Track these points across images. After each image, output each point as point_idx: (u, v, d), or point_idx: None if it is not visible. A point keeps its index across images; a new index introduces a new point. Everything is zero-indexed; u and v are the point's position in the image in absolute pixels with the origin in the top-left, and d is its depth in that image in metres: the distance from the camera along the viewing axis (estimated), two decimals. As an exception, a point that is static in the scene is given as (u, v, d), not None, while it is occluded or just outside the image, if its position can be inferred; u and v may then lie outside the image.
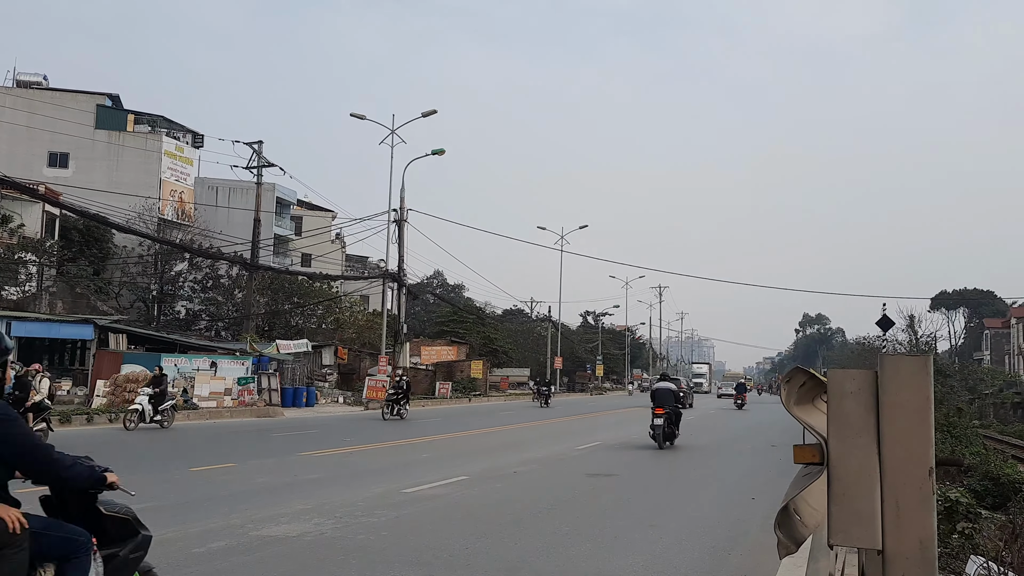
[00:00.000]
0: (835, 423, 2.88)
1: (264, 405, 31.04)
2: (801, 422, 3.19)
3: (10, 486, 3.59)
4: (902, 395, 2.80)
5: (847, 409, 2.86)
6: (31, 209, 37.46)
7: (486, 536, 8.32)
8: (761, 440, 23.08)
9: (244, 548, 7.43)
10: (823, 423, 3.11)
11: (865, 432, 2.84)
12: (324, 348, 44.08)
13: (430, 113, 39.58)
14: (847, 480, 2.83)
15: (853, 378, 2.90)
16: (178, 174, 54.76)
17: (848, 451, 2.84)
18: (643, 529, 9.02)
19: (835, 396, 2.90)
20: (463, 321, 67.14)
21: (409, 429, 24.00)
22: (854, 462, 2.83)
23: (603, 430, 25.56)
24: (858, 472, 2.82)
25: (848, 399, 2.87)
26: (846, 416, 2.86)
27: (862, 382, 2.88)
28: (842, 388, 2.89)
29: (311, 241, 56.56)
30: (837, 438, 2.86)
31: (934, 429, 2.83)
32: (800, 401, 3.28)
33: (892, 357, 2.86)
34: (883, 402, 2.83)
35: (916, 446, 2.79)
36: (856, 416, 2.85)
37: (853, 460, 2.83)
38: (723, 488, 12.92)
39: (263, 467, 13.88)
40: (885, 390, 2.82)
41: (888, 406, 2.81)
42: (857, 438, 2.84)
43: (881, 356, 2.88)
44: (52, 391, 19.87)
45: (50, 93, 53.31)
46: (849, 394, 2.87)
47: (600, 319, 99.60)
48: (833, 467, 2.87)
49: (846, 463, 2.83)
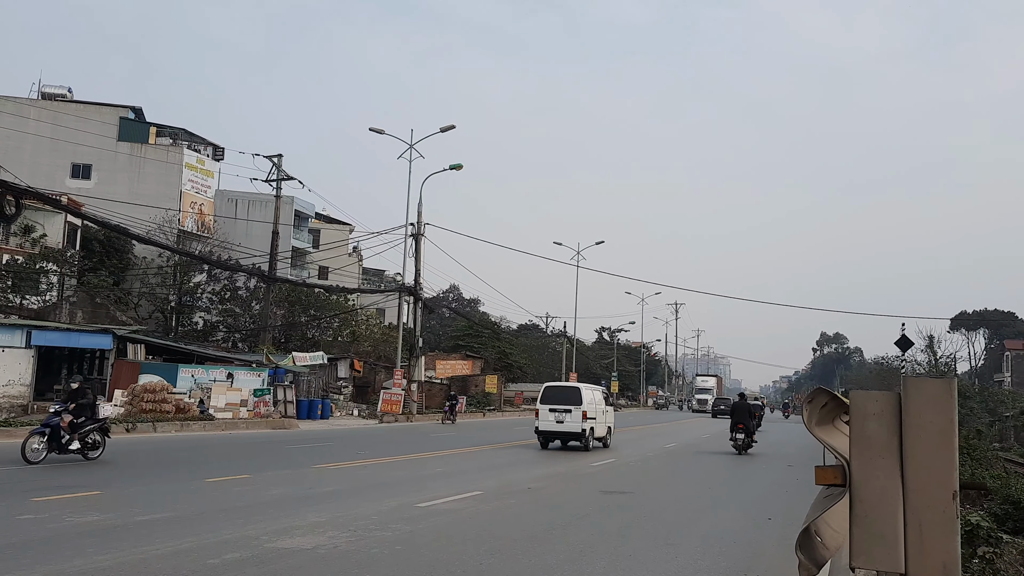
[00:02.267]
0: (858, 444, 2.86)
1: (279, 417, 31.12)
2: (823, 443, 3.16)
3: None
4: (926, 417, 2.78)
5: (870, 430, 2.84)
6: (54, 219, 37.95)
7: (500, 552, 8.28)
8: (777, 459, 22.88)
9: (258, 560, 7.44)
10: (844, 444, 3.09)
11: (888, 454, 2.82)
12: (340, 361, 44.20)
13: (448, 128, 39.81)
14: (870, 502, 2.81)
15: (876, 399, 2.88)
16: (199, 186, 55.29)
17: (871, 473, 2.82)
18: (659, 547, 8.96)
19: (858, 417, 2.88)
20: (478, 335, 67.17)
21: (423, 443, 23.98)
22: (877, 484, 2.81)
23: (618, 448, 25.43)
24: (881, 494, 2.79)
25: (871, 420, 2.85)
26: (869, 437, 2.84)
27: (885, 403, 2.86)
28: (865, 409, 2.87)
29: (328, 254, 56.90)
30: (860, 459, 2.84)
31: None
32: (821, 422, 3.26)
33: (916, 379, 2.84)
34: (906, 424, 2.81)
35: (940, 469, 2.76)
36: (879, 437, 2.83)
37: (876, 482, 2.80)
38: (739, 507, 12.81)
39: (278, 479, 13.90)
40: (909, 412, 2.80)
41: (912, 428, 2.79)
42: (880, 460, 2.82)
43: (905, 378, 2.86)
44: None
45: (74, 105, 54.06)
46: (872, 415, 2.85)
47: (615, 335, 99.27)
48: (855, 489, 2.84)
49: (869, 485, 2.81)
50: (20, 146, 47.66)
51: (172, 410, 26.76)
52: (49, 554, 7.32)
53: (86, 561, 7.08)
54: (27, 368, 28.54)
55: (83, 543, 7.82)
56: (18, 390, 28.35)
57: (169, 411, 26.56)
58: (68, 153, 51.28)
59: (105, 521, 9.07)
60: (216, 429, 26.50)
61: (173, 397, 27.49)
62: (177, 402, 27.50)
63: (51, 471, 13.74)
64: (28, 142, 49.05)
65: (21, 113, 50.69)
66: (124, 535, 8.32)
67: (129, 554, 7.42)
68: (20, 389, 28.43)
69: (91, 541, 7.92)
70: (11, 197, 22.47)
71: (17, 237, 36.29)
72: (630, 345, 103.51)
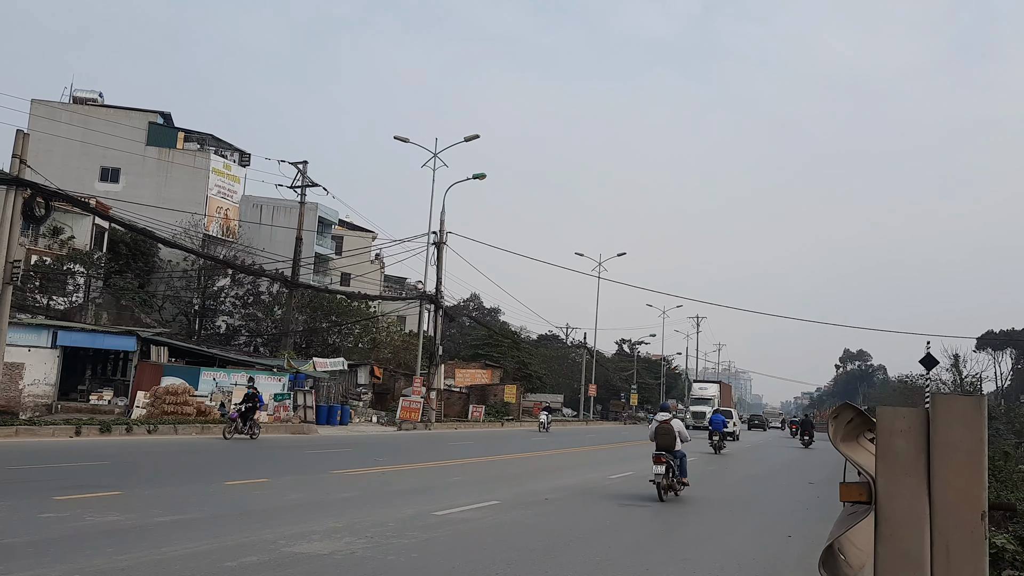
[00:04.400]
0: (884, 462, 2.81)
1: (299, 422, 31.25)
2: (848, 459, 3.11)
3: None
4: (954, 435, 2.73)
5: (897, 448, 2.80)
6: (82, 222, 38.47)
7: (516, 563, 8.24)
8: (798, 476, 22.62)
9: (275, 564, 7.45)
10: (869, 461, 3.04)
11: (915, 472, 2.77)
12: (360, 367, 44.37)
13: (472, 138, 39.96)
14: (895, 520, 2.75)
15: (903, 416, 2.83)
16: (224, 191, 55.88)
17: (897, 491, 2.77)
18: (676, 563, 8.86)
19: (884, 434, 2.83)
20: (498, 345, 67.15)
21: (441, 451, 23.97)
22: (903, 502, 2.75)
23: (636, 460, 25.25)
24: (907, 513, 2.74)
25: (898, 437, 2.81)
26: (895, 455, 2.79)
27: (913, 420, 2.81)
28: (892, 426, 2.82)
29: (351, 261, 57.21)
30: (886, 477, 2.79)
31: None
32: (846, 437, 3.21)
33: (945, 396, 2.79)
34: (934, 442, 2.76)
35: (968, 488, 2.70)
36: (906, 455, 2.78)
37: (902, 500, 2.75)
38: (759, 524, 12.66)
39: (296, 484, 13.94)
40: (937, 430, 2.75)
41: (939, 446, 2.74)
42: (906, 477, 2.77)
43: (933, 395, 2.81)
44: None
45: (104, 110, 54.88)
46: (899, 432, 2.80)
47: (636, 348, 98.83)
48: (881, 507, 2.79)
49: (895, 503, 2.76)
50: (51, 149, 48.42)
51: (193, 413, 26.99)
52: (69, 553, 7.38)
53: (105, 561, 7.13)
54: (52, 368, 28.90)
55: (103, 543, 7.87)
56: (43, 389, 28.70)
57: (190, 414, 26.78)
58: (97, 157, 52.06)
59: (125, 521, 9.13)
60: (236, 433, 26.62)
61: (195, 400, 27.73)
62: (198, 405, 27.72)
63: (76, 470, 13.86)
64: (59, 145, 49.84)
65: (53, 117, 51.56)
66: (143, 536, 8.38)
67: (148, 555, 7.47)
68: (45, 388, 28.78)
69: (111, 541, 7.98)
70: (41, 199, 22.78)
71: (46, 239, 36.83)
72: (650, 358, 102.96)
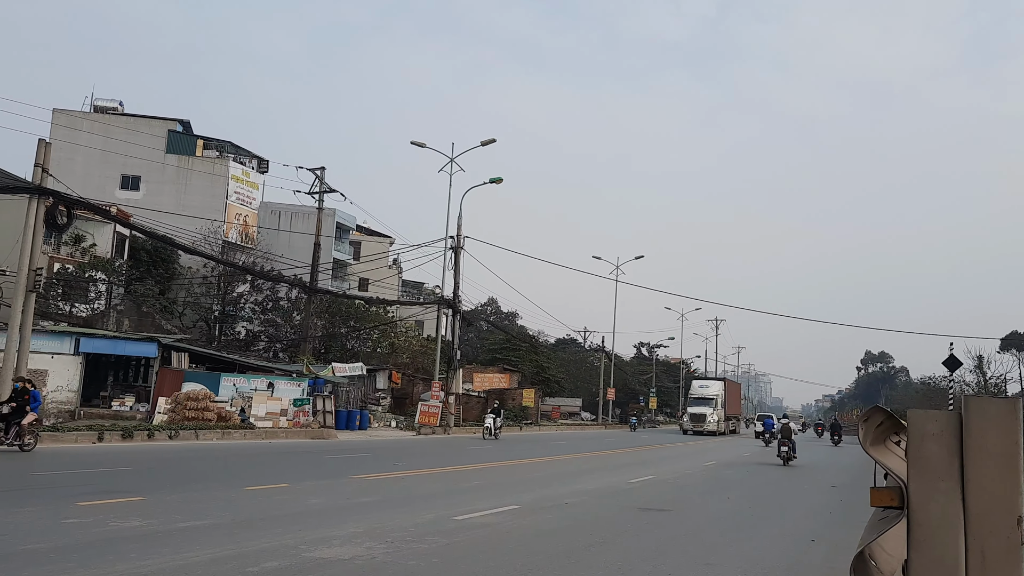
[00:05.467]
0: (916, 466, 2.75)
1: (318, 427, 31.36)
2: (878, 463, 3.05)
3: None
4: (989, 439, 2.66)
5: (929, 452, 2.73)
6: (103, 229, 38.87)
7: (536, 568, 8.19)
8: (821, 480, 22.40)
9: (297, 569, 7.45)
10: (898, 465, 2.98)
11: (948, 476, 2.71)
12: (378, 372, 44.48)
13: (489, 142, 39.99)
14: (928, 526, 2.69)
15: (935, 419, 2.77)
16: (243, 198, 56.26)
17: (930, 496, 2.71)
18: (698, 567, 8.78)
19: (915, 437, 2.77)
20: (516, 349, 67.11)
21: (460, 456, 23.95)
22: (936, 507, 2.69)
23: (656, 464, 25.14)
24: (940, 518, 2.68)
25: (929, 441, 2.74)
26: (927, 459, 2.73)
27: (945, 424, 2.75)
28: (923, 429, 2.76)
29: (369, 266, 57.43)
30: (918, 482, 2.73)
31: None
32: (875, 441, 3.15)
33: (978, 399, 2.72)
34: (967, 445, 2.70)
35: (1004, 493, 2.64)
36: (938, 459, 2.72)
37: (935, 506, 2.69)
38: (782, 528, 12.53)
39: (316, 489, 13.97)
40: (970, 433, 2.68)
41: (973, 450, 2.68)
42: (939, 482, 2.71)
43: (966, 398, 2.74)
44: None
45: (124, 118, 55.46)
46: (931, 436, 2.74)
47: (654, 351, 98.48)
48: (914, 512, 2.73)
49: (928, 508, 2.70)
50: (72, 158, 48.98)
51: (214, 418, 27.14)
52: (93, 558, 7.41)
53: (129, 566, 7.16)
54: (75, 374, 29.19)
55: (126, 548, 7.91)
56: (66, 396, 28.98)
57: (211, 419, 26.93)
58: (118, 165, 52.58)
59: (147, 527, 9.18)
60: (256, 438, 26.78)
61: (215, 405, 27.89)
62: (219, 410, 27.88)
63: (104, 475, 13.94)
64: (80, 154, 50.42)
65: (74, 126, 52.17)
66: (166, 541, 8.41)
67: (170, 560, 7.49)
68: (68, 395, 29.07)
69: (134, 546, 8.01)
70: (63, 207, 23.04)
71: (68, 246, 37.22)
72: (669, 361, 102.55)
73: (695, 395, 59.39)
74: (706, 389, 60.06)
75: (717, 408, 57.33)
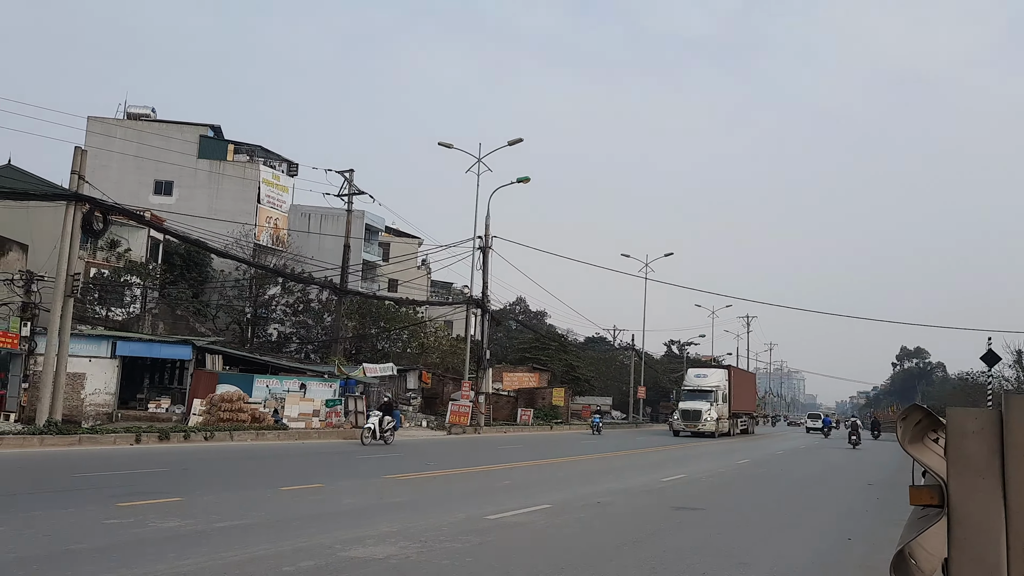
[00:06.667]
0: (956, 464, 2.72)
1: (350, 427, 31.59)
2: (917, 461, 3.02)
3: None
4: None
5: (969, 449, 2.70)
6: (137, 234, 39.51)
7: (570, 567, 8.19)
8: (855, 477, 22.13)
9: (333, 569, 7.52)
10: (937, 462, 2.95)
11: (989, 474, 2.67)
12: (409, 372, 44.72)
13: (516, 141, 40.01)
14: (969, 525, 2.66)
15: (975, 417, 2.74)
16: (274, 201, 56.85)
17: (970, 494, 2.68)
18: (732, 567, 8.72)
19: (955, 435, 2.74)
20: (545, 348, 67.06)
21: (491, 455, 24.00)
22: (977, 506, 2.66)
23: (688, 462, 25.00)
24: (982, 516, 2.65)
25: (970, 439, 2.71)
26: (968, 457, 2.70)
27: (985, 421, 2.71)
28: (963, 427, 2.73)
29: (398, 267, 57.77)
30: (958, 480, 2.70)
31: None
32: (913, 439, 3.11)
33: (1019, 395, 2.68)
34: (1009, 443, 2.66)
35: (1047, 491, 2.60)
36: (979, 457, 2.68)
37: (976, 504, 2.66)
38: (817, 527, 12.40)
39: (350, 488, 14.09)
40: (1012, 430, 2.65)
41: (1015, 447, 2.64)
42: (980, 480, 2.67)
43: (1008, 395, 2.70)
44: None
45: (157, 124, 56.28)
46: (971, 434, 2.70)
47: (685, 349, 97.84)
48: (954, 510, 2.70)
49: (969, 507, 2.66)
50: (107, 164, 49.79)
51: (248, 419, 27.45)
52: (133, 558, 7.55)
53: (168, 566, 7.28)
54: (112, 377, 29.70)
55: (165, 548, 8.05)
56: (104, 398, 29.50)
57: (245, 420, 27.24)
58: (151, 170, 53.39)
59: (185, 527, 9.32)
60: (290, 438, 27.05)
61: (249, 407, 28.20)
62: (253, 411, 28.19)
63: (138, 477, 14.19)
64: (115, 160, 51.25)
65: (108, 133, 53.04)
66: (203, 541, 8.54)
67: (208, 560, 7.60)
68: (106, 397, 29.58)
69: (172, 546, 8.15)
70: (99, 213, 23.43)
71: (104, 251, 37.89)
72: (700, 359, 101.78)
73: (690, 386, 48.63)
74: (704, 379, 49.14)
75: (717, 403, 46.71)
